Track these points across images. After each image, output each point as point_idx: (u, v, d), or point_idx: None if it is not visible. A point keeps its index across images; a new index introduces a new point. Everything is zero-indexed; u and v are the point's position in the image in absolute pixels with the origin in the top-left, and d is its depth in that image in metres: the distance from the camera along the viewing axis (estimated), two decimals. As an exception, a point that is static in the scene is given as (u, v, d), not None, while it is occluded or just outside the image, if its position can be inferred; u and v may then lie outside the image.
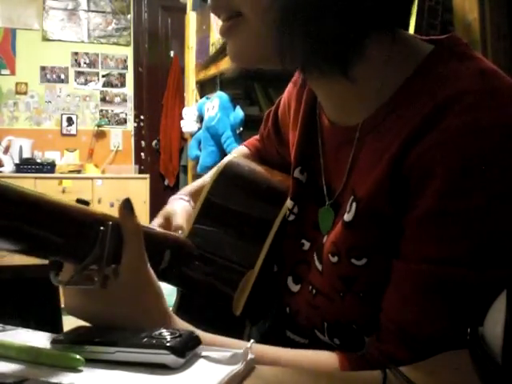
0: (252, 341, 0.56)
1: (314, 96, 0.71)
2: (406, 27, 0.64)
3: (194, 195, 0.87)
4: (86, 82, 4.86)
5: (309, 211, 0.70)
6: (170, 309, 0.64)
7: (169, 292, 0.74)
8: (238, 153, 0.94)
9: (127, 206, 0.57)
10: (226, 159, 0.82)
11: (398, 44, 0.61)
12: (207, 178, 0.88)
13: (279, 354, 0.60)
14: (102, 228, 0.53)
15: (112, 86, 4.93)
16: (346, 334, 0.61)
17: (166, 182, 4.99)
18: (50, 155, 4.56)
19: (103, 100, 4.90)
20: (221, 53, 0.66)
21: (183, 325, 0.59)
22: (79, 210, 0.54)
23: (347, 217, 0.61)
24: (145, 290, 0.57)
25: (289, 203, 0.73)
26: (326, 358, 0.59)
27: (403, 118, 0.57)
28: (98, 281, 0.53)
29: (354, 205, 0.60)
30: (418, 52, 0.60)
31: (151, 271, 0.57)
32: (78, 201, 0.55)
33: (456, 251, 0.51)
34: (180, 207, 0.84)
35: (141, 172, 4.79)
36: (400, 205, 0.56)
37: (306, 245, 0.70)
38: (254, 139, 0.96)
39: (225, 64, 2.51)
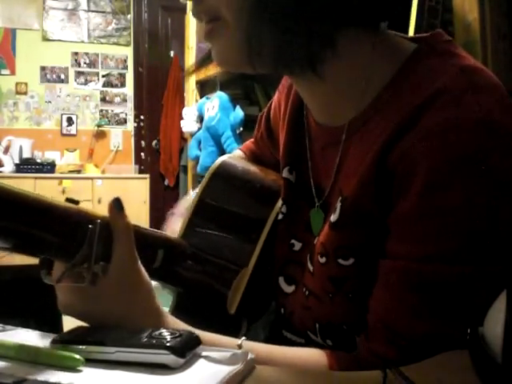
0: (243, 338, 0.56)
1: (301, 97, 0.71)
2: (406, 28, 0.63)
3: None
4: (86, 82, 4.86)
5: (300, 211, 0.70)
6: (167, 309, 0.64)
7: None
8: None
9: (117, 205, 0.57)
10: (219, 159, 0.82)
11: (381, 44, 0.61)
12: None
13: (270, 351, 0.60)
14: (90, 226, 0.54)
15: (112, 86, 4.93)
16: (337, 334, 0.61)
17: (166, 182, 4.99)
18: (50, 155, 4.57)
19: (103, 100, 4.90)
20: (208, 57, 0.66)
21: (176, 323, 0.59)
22: (68, 209, 0.54)
23: (333, 217, 0.61)
24: (135, 288, 0.57)
25: (279, 202, 0.73)
26: (314, 356, 0.59)
27: (387, 117, 0.57)
28: (86, 278, 0.53)
29: (339, 205, 0.60)
30: (402, 51, 0.60)
31: (142, 270, 0.57)
32: (68, 200, 0.56)
33: (441, 249, 0.51)
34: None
35: (141, 172, 4.79)
36: (385, 203, 0.56)
37: (297, 245, 0.70)
38: (250, 142, 0.96)
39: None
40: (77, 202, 0.56)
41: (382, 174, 0.56)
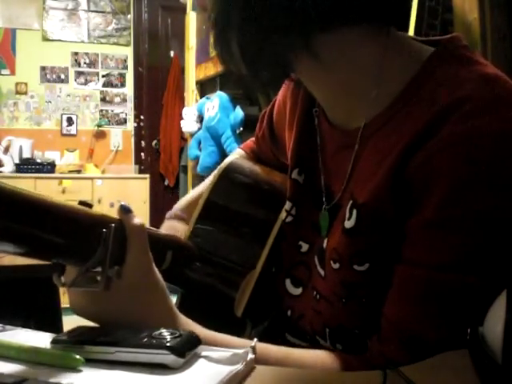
0: (255, 339, 0.56)
1: (311, 96, 0.70)
2: (406, 28, 0.63)
3: (192, 207, 0.84)
4: (86, 82, 4.86)
5: (307, 213, 0.70)
6: None
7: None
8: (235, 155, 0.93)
9: (124, 208, 0.56)
10: (227, 160, 0.82)
11: (393, 46, 0.60)
12: (207, 182, 0.87)
13: (283, 352, 0.59)
14: (104, 230, 0.53)
15: (112, 86, 4.93)
16: (348, 339, 0.61)
17: (166, 182, 4.99)
18: (50, 155, 4.56)
19: (103, 100, 4.90)
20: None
21: (188, 324, 0.58)
22: (82, 212, 0.53)
23: (348, 224, 0.60)
24: (151, 289, 0.56)
25: (286, 204, 0.73)
26: (329, 358, 0.59)
27: (405, 123, 0.57)
28: (101, 282, 0.52)
29: (355, 211, 0.59)
30: (418, 55, 0.59)
31: (156, 271, 0.56)
32: (81, 203, 0.55)
33: (458, 258, 0.51)
34: (180, 230, 0.81)
35: (141, 172, 4.78)
36: (402, 210, 0.55)
37: (304, 247, 0.69)
38: (251, 141, 0.96)
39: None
40: (90, 206, 0.55)
41: (400, 182, 0.55)
